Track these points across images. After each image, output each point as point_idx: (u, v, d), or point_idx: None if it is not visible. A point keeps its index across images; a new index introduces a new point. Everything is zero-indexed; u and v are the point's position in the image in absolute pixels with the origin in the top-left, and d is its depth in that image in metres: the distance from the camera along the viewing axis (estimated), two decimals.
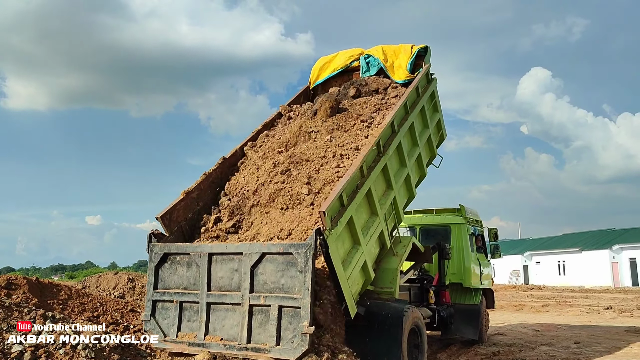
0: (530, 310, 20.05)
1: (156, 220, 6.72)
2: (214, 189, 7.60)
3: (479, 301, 10.87)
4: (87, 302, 9.70)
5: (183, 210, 6.99)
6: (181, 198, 6.99)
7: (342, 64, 9.59)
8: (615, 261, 40.93)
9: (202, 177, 7.46)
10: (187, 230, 7.04)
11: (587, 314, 18.19)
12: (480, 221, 12.12)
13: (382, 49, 9.36)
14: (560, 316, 17.55)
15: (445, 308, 9.78)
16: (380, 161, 7.02)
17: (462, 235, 10.87)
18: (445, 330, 10.07)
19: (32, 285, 8.88)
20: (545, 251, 48.28)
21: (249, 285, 5.64)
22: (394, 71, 9.11)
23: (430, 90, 9.01)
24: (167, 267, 6.32)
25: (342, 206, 6.01)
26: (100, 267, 68.28)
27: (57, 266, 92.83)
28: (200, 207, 7.28)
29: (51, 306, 8.72)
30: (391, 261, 7.37)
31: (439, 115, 9.52)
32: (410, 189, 8.27)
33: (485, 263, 11.69)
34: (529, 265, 49.32)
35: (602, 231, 48.28)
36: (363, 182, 6.55)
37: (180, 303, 6.09)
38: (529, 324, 14.97)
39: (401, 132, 7.73)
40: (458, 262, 10.66)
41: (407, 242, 7.92)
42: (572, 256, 44.63)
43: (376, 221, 6.94)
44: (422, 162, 8.77)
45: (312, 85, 9.84)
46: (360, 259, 6.41)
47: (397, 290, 7.22)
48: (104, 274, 15.99)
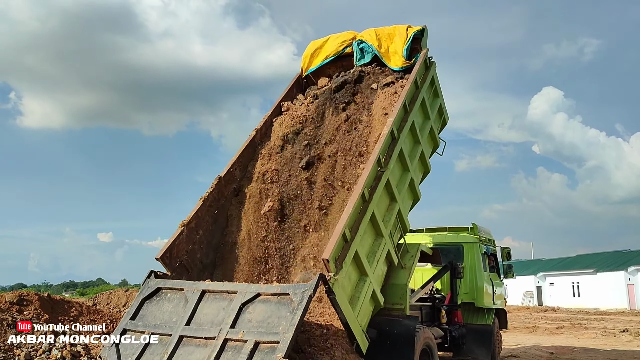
0: (544, 332, 19.70)
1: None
2: (212, 213, 7.19)
3: (491, 321, 10.65)
4: (98, 319, 9.71)
5: (184, 244, 6.61)
6: (179, 232, 6.58)
7: (334, 50, 9.01)
8: (631, 283, 40.18)
9: (199, 202, 7.00)
10: (190, 263, 6.68)
11: (603, 336, 17.82)
12: (493, 240, 11.98)
13: (376, 32, 8.73)
14: (575, 339, 17.21)
15: (457, 328, 9.55)
16: (382, 178, 6.61)
17: (475, 254, 10.68)
18: (457, 351, 9.82)
19: (43, 301, 8.92)
20: (559, 272, 47.57)
21: (232, 320, 5.11)
22: (389, 58, 8.54)
23: (430, 77, 8.42)
24: (154, 301, 5.85)
25: (345, 242, 5.70)
26: (111, 284, 68.53)
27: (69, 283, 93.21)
28: (200, 236, 6.90)
29: (62, 323, 8.75)
30: (400, 276, 7.11)
31: (439, 101, 8.98)
32: (415, 191, 7.83)
33: (497, 283, 11.52)
34: (543, 286, 48.56)
35: (617, 252, 47.52)
36: (366, 207, 6.19)
37: (150, 334, 5.47)
38: (543, 346, 14.69)
39: (402, 137, 7.29)
40: (470, 282, 10.45)
41: (414, 252, 7.68)
42: (586, 277, 43.90)
43: (382, 242, 6.64)
44: (425, 158, 8.25)
45: (305, 73, 9.31)
46: (368, 290, 6.14)
47: (407, 306, 7.00)
48: (115, 291, 16.01)
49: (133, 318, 5.77)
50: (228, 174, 7.49)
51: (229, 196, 7.49)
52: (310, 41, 9.48)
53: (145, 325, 5.60)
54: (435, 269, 10.08)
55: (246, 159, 7.87)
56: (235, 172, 7.62)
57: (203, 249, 6.93)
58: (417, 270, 9.95)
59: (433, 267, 10.36)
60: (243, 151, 7.82)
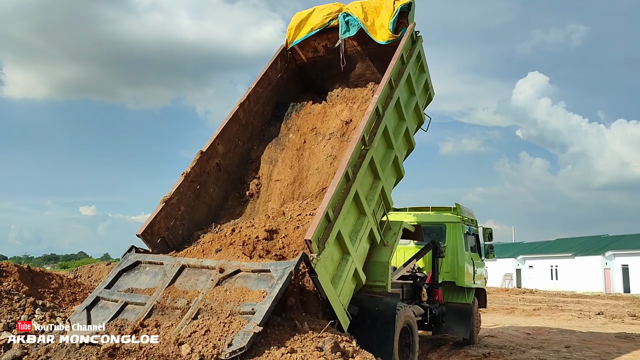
0: (522, 313, 20.09)
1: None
2: (195, 188, 7.05)
3: (471, 300, 10.82)
4: (79, 292, 9.66)
5: (164, 220, 6.46)
6: (160, 208, 6.43)
7: (319, 22, 8.81)
8: (608, 267, 41.12)
9: (181, 178, 6.82)
10: (171, 239, 6.55)
11: (579, 319, 18.24)
12: (475, 221, 12.10)
13: (362, 5, 8.56)
14: (551, 320, 17.59)
15: (438, 306, 9.72)
16: (366, 156, 6.50)
17: (457, 234, 10.80)
18: (436, 328, 10.05)
19: (23, 273, 8.83)
20: (539, 255, 48.45)
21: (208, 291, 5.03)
22: (375, 31, 8.39)
23: (416, 52, 8.29)
24: (132, 273, 5.79)
25: (328, 222, 5.64)
26: (94, 258, 68.18)
27: (50, 256, 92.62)
28: (182, 212, 6.78)
29: (42, 295, 8.68)
30: (382, 253, 7.08)
31: (425, 76, 8.85)
32: (399, 168, 7.73)
33: (478, 263, 11.65)
34: (522, 269, 49.45)
35: (595, 237, 48.47)
36: (349, 187, 6.13)
37: (125, 304, 5.35)
38: (520, 327, 14.98)
39: (387, 114, 7.14)
40: (452, 261, 10.57)
41: (397, 229, 7.62)
42: (564, 261, 44.80)
43: (365, 221, 6.58)
44: (409, 135, 8.12)
45: (290, 46, 9.12)
46: (350, 269, 6.09)
47: (389, 283, 6.98)
48: (96, 265, 15.98)
49: (108, 287, 5.67)
50: (210, 149, 7.32)
51: (211, 171, 7.37)
52: None
53: (120, 295, 5.50)
54: (418, 247, 10.18)
55: (229, 133, 7.73)
56: (218, 147, 7.47)
57: (185, 225, 6.80)
58: (399, 248, 10.06)
59: (416, 246, 10.47)
60: (226, 125, 7.64)
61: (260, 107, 8.39)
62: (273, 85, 8.66)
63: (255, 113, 8.27)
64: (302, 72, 9.36)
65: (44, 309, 7.39)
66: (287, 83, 9.05)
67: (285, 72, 9.01)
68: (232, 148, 7.74)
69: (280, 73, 8.88)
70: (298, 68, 9.31)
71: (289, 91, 9.09)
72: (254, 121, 8.26)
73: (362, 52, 8.86)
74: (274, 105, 8.71)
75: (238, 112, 7.89)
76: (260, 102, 8.37)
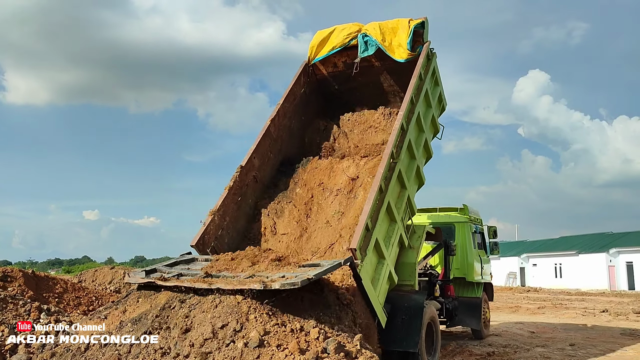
0: (526, 312, 20.07)
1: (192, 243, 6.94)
2: (236, 200, 7.73)
3: (480, 294, 11.69)
4: (83, 296, 9.71)
5: (213, 230, 7.17)
6: (210, 220, 7.12)
7: (340, 42, 9.59)
8: (612, 264, 40.98)
9: (225, 192, 7.51)
10: (219, 248, 7.19)
11: (583, 316, 18.20)
12: (480, 220, 12.95)
13: (380, 26, 9.30)
14: (556, 318, 17.56)
15: (450, 301, 10.39)
16: (394, 169, 7.24)
17: (466, 233, 11.65)
18: (450, 321, 10.66)
19: (27, 278, 8.88)
20: (542, 253, 48.32)
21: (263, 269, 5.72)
22: (393, 50, 9.12)
23: (432, 68, 9.12)
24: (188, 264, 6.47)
25: (367, 231, 6.27)
26: (97, 262, 68.24)
27: (54, 260, 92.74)
28: (227, 222, 7.48)
29: (46, 299, 8.72)
30: (409, 255, 7.76)
31: (439, 89, 9.68)
32: (420, 177, 8.52)
33: (485, 259, 12.48)
34: (526, 268, 49.34)
35: (599, 234, 48.31)
36: (382, 198, 6.79)
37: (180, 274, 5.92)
38: (525, 325, 14.98)
39: (410, 128, 7.89)
40: (462, 258, 11.41)
41: (421, 233, 8.34)
42: (569, 259, 44.66)
43: (395, 227, 7.25)
44: (428, 144, 8.93)
45: (312, 62, 9.88)
46: (386, 271, 6.75)
47: (416, 282, 7.69)
48: (101, 269, 15.99)
49: (168, 267, 6.32)
50: (248, 163, 7.98)
51: (249, 183, 8.04)
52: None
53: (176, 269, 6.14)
54: (431, 246, 10.64)
55: (263, 147, 8.37)
56: (254, 160, 8.13)
57: (230, 234, 7.49)
58: None
59: (427, 245, 10.78)
60: (260, 140, 8.30)
61: (287, 121, 9.14)
62: (297, 99, 9.47)
63: (284, 127, 9.01)
64: (322, 85, 10.16)
65: (49, 313, 7.42)
66: (309, 96, 9.87)
67: (307, 87, 9.81)
68: (265, 161, 8.50)
69: (303, 88, 9.66)
70: (318, 82, 10.12)
71: (311, 104, 9.92)
72: (283, 134, 9.00)
73: (380, 67, 9.64)
74: (299, 119, 9.53)
75: (270, 128, 8.58)
76: (288, 116, 9.11)
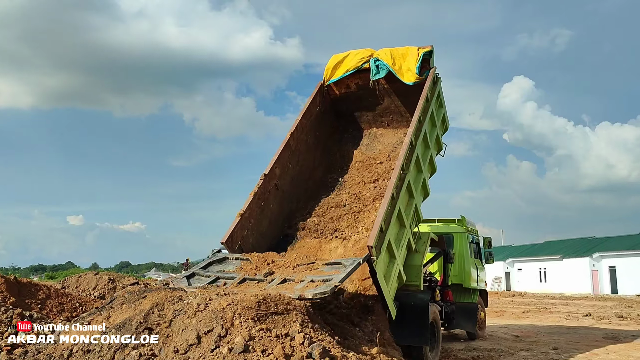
0: (511, 316, 20.24)
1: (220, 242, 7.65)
2: (260, 205, 8.46)
3: (476, 300, 12.62)
4: (66, 302, 9.59)
5: (239, 230, 7.85)
6: (237, 221, 7.84)
7: (354, 65, 10.49)
8: (595, 269, 41.44)
9: (251, 196, 8.24)
10: (244, 246, 7.88)
11: (567, 320, 18.41)
12: (477, 231, 13.94)
13: (390, 52, 10.23)
14: (540, 322, 17.73)
15: (449, 305, 10.92)
16: (404, 179, 7.99)
17: (463, 243, 12.60)
18: (449, 324, 11.18)
19: (9, 284, 8.76)
20: (527, 258, 48.75)
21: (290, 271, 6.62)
22: (402, 74, 10.04)
23: (437, 91, 10.02)
24: (221, 264, 7.27)
25: (381, 232, 6.91)
26: (82, 267, 67.46)
27: (37, 266, 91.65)
28: (252, 224, 8.18)
29: (29, 305, 8.60)
30: (415, 258, 8.45)
31: (443, 110, 10.52)
32: (426, 188, 9.27)
33: (480, 267, 13.45)
34: (511, 272, 49.74)
35: (583, 239, 48.87)
36: (394, 204, 7.51)
37: (217, 278, 6.76)
38: (509, 329, 15.11)
39: (417, 144, 8.70)
40: (459, 266, 12.24)
41: (426, 238, 9.01)
42: (553, 263, 45.12)
43: (405, 231, 7.99)
44: (433, 160, 9.72)
45: (327, 83, 10.76)
46: (396, 270, 7.42)
47: (421, 283, 8.37)
48: (84, 274, 15.80)
49: (203, 269, 7.12)
50: (271, 172, 8.80)
51: (271, 190, 8.81)
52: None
53: (213, 273, 6.94)
54: (430, 254, 11.03)
55: (283, 158, 9.20)
56: (276, 170, 8.95)
57: (254, 235, 8.20)
58: None
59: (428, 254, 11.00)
60: (281, 152, 9.13)
61: (304, 136, 9.97)
62: (313, 116, 10.30)
63: (301, 141, 9.83)
64: (335, 104, 11.01)
65: (32, 319, 7.32)
66: (323, 114, 10.70)
67: (322, 105, 10.66)
68: (285, 170, 9.28)
69: (318, 106, 10.52)
70: (332, 101, 10.98)
71: (324, 121, 10.76)
72: (300, 147, 9.80)
73: (388, 89, 10.59)
74: (314, 134, 10.35)
75: (289, 141, 9.40)
76: (305, 132, 9.97)
